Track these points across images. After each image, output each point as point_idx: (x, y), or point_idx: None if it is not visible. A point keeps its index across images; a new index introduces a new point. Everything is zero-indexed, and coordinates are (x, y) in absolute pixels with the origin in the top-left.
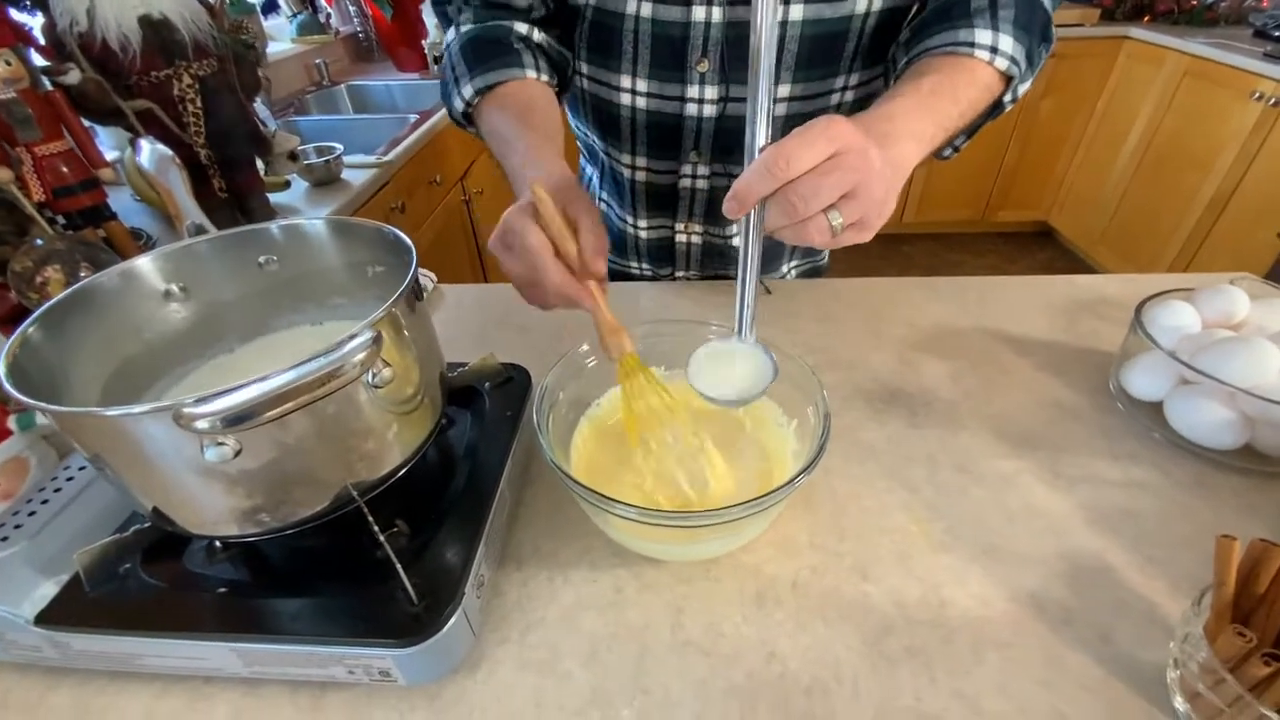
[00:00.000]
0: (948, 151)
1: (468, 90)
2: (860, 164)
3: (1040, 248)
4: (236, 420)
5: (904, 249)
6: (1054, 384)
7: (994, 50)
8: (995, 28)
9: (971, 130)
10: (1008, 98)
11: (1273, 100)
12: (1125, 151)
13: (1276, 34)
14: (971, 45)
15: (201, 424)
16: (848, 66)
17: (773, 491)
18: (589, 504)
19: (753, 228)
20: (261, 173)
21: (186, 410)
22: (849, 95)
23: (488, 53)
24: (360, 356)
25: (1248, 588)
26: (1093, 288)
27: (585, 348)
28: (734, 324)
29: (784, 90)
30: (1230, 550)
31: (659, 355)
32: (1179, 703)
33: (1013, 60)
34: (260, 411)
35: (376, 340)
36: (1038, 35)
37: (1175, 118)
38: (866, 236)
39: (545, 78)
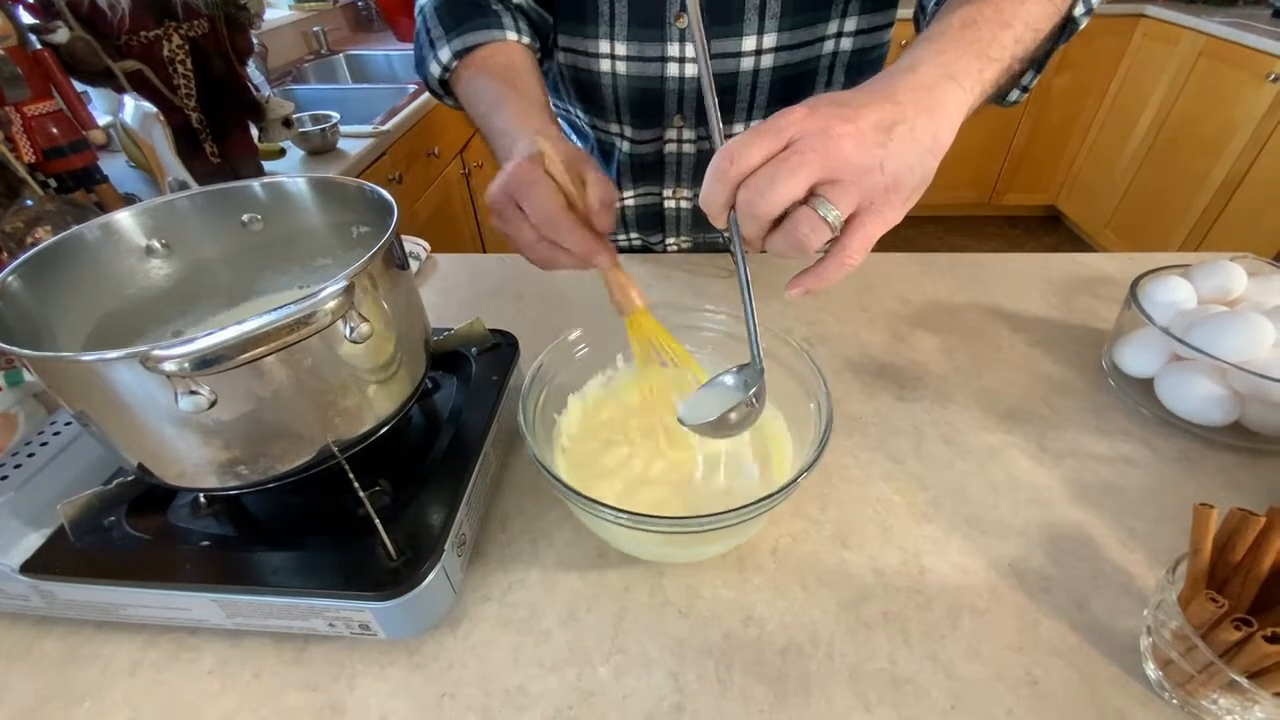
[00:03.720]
0: (1014, 94)
1: (445, 53)
2: (821, 144)
3: (1047, 232)
4: (204, 363)
5: (907, 232)
6: (1046, 360)
7: None
8: None
9: (1039, 61)
10: (1080, 9)
11: None
12: (1137, 133)
13: None
14: None
15: (170, 365)
16: (842, 9)
17: (767, 497)
18: (576, 508)
19: (737, 250)
20: (256, 139)
21: (155, 352)
22: (845, 43)
23: (465, 13)
24: (332, 304)
25: (1223, 556)
26: (1092, 266)
27: (575, 334)
28: (726, 316)
29: (770, 40)
30: (1207, 518)
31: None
32: (1151, 669)
33: None
34: (229, 355)
35: (348, 290)
36: None
37: (1188, 99)
38: (887, 218)
39: (527, 40)
